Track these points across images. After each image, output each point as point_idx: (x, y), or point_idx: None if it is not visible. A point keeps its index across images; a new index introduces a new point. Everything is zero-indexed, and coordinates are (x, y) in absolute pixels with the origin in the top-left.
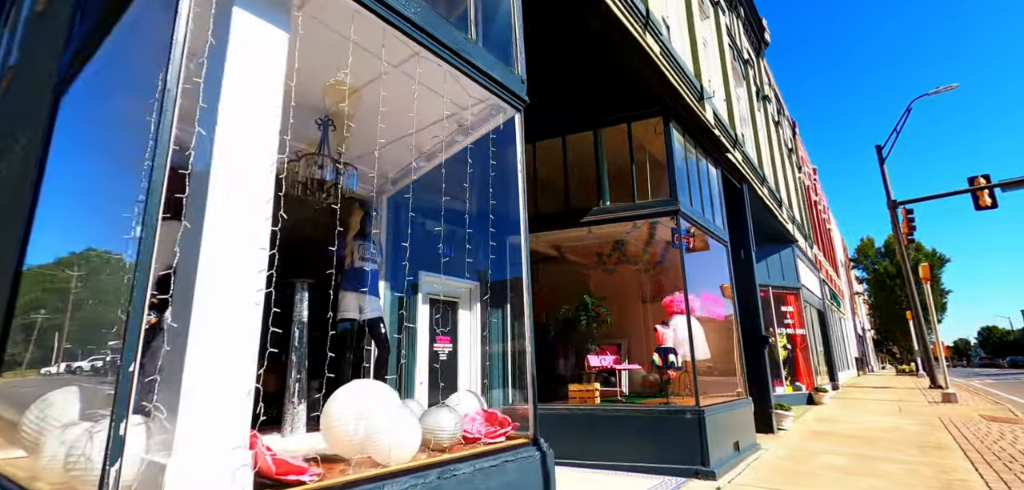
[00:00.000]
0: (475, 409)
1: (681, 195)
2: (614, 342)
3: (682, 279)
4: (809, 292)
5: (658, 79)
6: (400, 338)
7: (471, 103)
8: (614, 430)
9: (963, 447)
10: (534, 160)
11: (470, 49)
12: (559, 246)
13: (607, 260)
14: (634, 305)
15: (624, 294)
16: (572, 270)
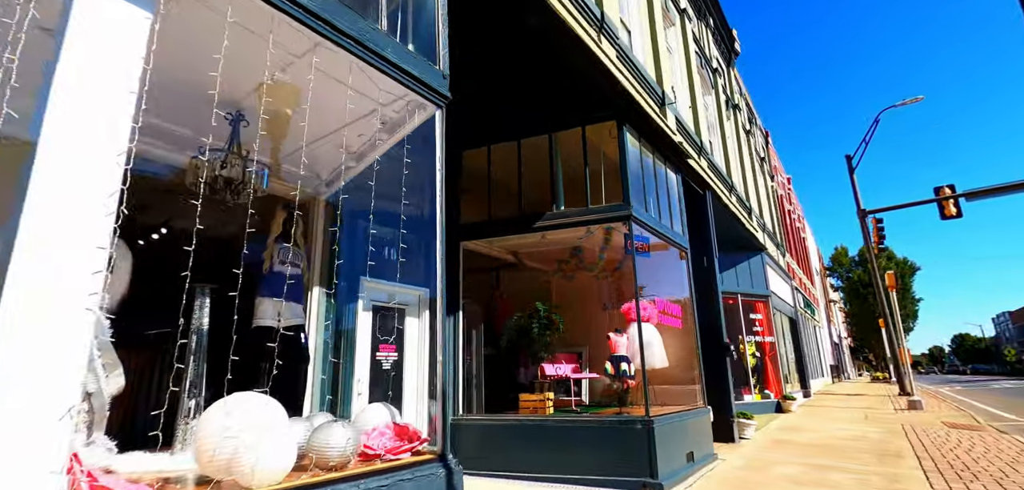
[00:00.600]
0: (385, 423)
1: (634, 200)
2: (575, 350)
3: (634, 285)
4: (779, 300)
5: (608, 82)
6: (330, 346)
7: (390, 99)
8: (564, 441)
9: (920, 455)
10: (489, 163)
11: (379, 41)
12: (516, 252)
13: (565, 267)
14: (596, 312)
15: (586, 301)
16: (532, 277)
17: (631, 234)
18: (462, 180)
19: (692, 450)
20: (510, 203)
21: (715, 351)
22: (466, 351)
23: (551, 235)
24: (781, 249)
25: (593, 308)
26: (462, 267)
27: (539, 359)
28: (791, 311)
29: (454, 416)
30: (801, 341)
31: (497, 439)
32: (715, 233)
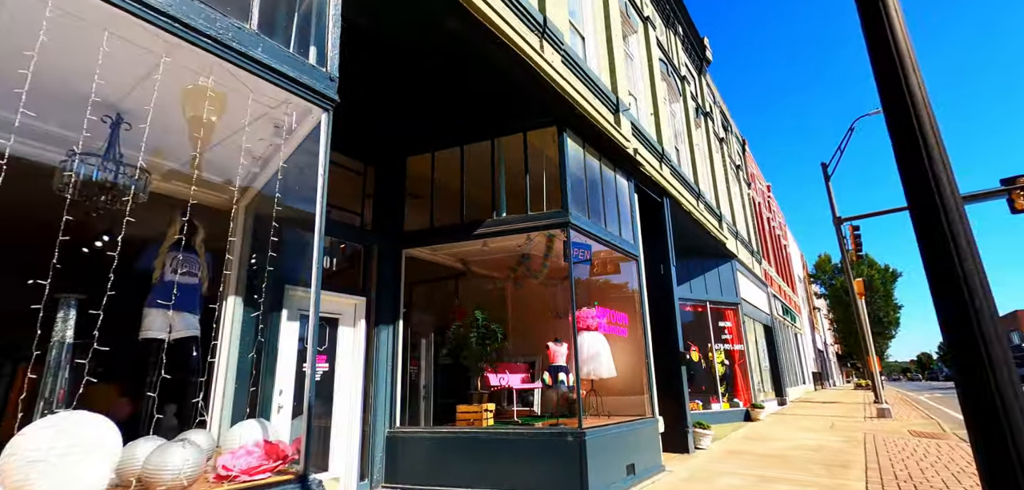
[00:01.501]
0: (254, 441)
1: (575, 207)
2: (528, 359)
3: (570, 293)
4: (752, 307)
5: (545, 87)
6: (248, 358)
7: (276, 103)
8: (498, 454)
9: (869, 466)
10: (433, 169)
11: (246, 40)
12: (466, 260)
13: (514, 274)
14: (549, 321)
15: (540, 310)
16: (491, 285)
17: (568, 241)
18: (407, 186)
19: (633, 462)
20: (454, 210)
21: (671, 360)
22: (412, 360)
23: (493, 243)
24: (757, 256)
25: (547, 317)
26: (404, 275)
27: (479, 370)
28: (766, 319)
29: (390, 429)
30: (777, 349)
31: (433, 452)
32: (673, 240)
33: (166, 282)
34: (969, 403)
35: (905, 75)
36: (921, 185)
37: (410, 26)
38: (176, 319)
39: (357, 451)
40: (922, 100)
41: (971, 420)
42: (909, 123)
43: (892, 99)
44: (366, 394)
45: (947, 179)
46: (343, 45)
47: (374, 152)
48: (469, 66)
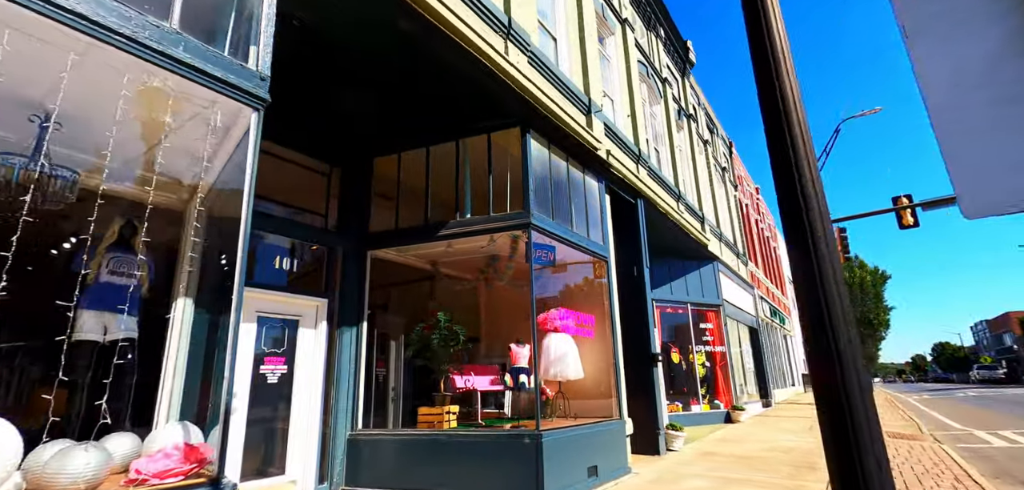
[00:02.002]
0: (173, 443)
1: (538, 208)
2: (500, 361)
3: (531, 294)
4: (735, 309)
5: (500, 86)
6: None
7: (206, 104)
8: (457, 457)
9: None
10: (398, 170)
11: (165, 39)
12: (435, 262)
13: (483, 276)
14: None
15: (512, 311)
16: (458, 287)
17: (530, 242)
18: (374, 187)
19: (596, 464)
20: (419, 211)
21: (643, 362)
22: (380, 362)
23: (457, 244)
24: (743, 258)
25: (520, 318)
26: (370, 276)
27: (443, 371)
28: (751, 320)
29: (351, 431)
30: (763, 350)
31: (395, 455)
32: (647, 242)
33: (101, 283)
34: (819, 391)
35: (779, 77)
36: (790, 192)
37: (363, 26)
38: (111, 321)
39: (316, 454)
40: (792, 97)
41: (820, 406)
42: (779, 122)
43: (767, 97)
44: (327, 396)
45: (813, 185)
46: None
47: (341, 153)
48: (427, 67)
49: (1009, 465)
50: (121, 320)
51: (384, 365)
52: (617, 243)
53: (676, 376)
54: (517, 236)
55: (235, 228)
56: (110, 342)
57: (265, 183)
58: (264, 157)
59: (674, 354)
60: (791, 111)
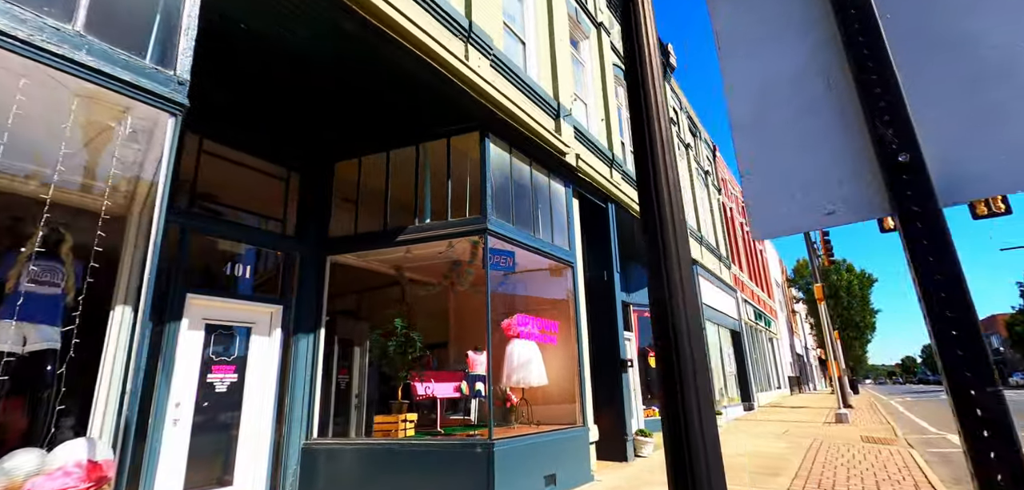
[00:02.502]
0: (75, 461)
1: (497, 213)
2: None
3: (486, 300)
4: (716, 312)
5: (457, 90)
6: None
7: (121, 110)
8: (412, 466)
9: (800, 474)
10: (359, 174)
11: (70, 42)
12: (399, 267)
13: (446, 281)
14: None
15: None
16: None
17: (486, 247)
18: (335, 191)
19: (554, 472)
20: (380, 216)
21: (612, 368)
22: (342, 369)
23: (416, 249)
24: (725, 262)
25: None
26: (329, 282)
27: (402, 378)
28: (734, 324)
29: (306, 440)
30: (745, 354)
31: (350, 464)
32: (618, 247)
33: (18, 292)
34: (664, 407)
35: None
36: (647, 198)
37: (308, 29)
38: (30, 331)
39: (267, 464)
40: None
41: (665, 422)
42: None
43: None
44: (281, 404)
45: (669, 196)
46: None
47: (301, 157)
48: (380, 71)
49: None
50: (41, 330)
51: (347, 372)
52: (587, 248)
53: (653, 381)
54: (476, 242)
55: (175, 236)
56: (29, 353)
57: (218, 187)
58: (218, 162)
59: (652, 358)
60: (655, 130)
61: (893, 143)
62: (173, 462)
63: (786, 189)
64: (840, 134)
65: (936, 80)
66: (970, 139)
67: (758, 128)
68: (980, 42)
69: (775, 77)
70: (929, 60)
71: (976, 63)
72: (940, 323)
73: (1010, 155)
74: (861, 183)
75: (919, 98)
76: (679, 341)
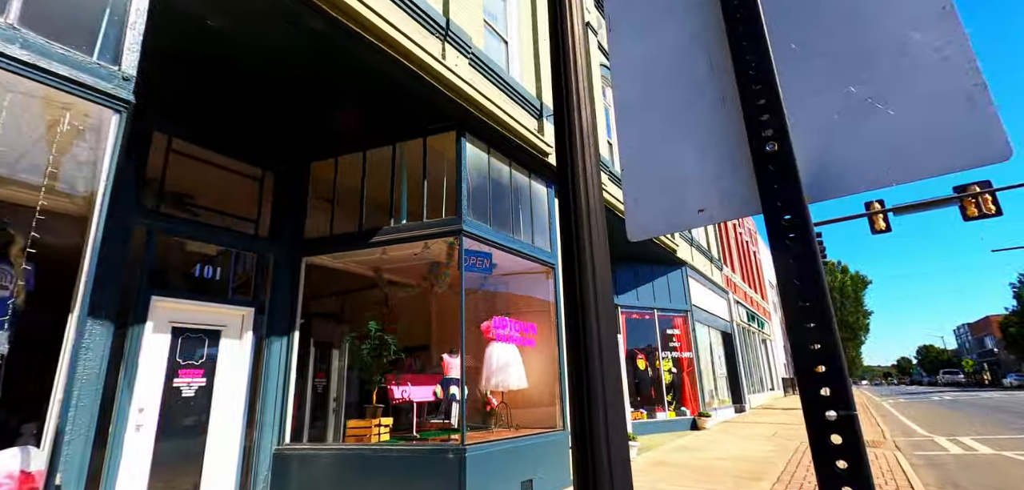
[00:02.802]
0: (6, 472)
1: (474, 214)
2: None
3: (460, 302)
4: (706, 314)
5: (432, 89)
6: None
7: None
8: (383, 472)
9: (781, 479)
10: (335, 175)
11: (3, 35)
12: (377, 268)
13: (425, 283)
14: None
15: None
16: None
17: (461, 249)
18: (311, 192)
19: (531, 478)
20: (356, 217)
21: None
22: (320, 372)
23: (392, 251)
24: (717, 263)
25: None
26: (304, 284)
27: (376, 382)
28: (725, 325)
29: (278, 446)
30: (736, 355)
31: (323, 470)
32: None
33: None
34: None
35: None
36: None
37: (269, 16)
38: None
39: (236, 470)
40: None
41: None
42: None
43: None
44: (252, 409)
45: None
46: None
47: (275, 157)
48: (353, 68)
49: (958, 474)
50: None
51: (325, 375)
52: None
53: (642, 383)
54: (452, 243)
55: (141, 237)
56: None
57: (189, 188)
58: (189, 161)
59: (640, 361)
60: (585, 133)
61: (764, 131)
62: (135, 468)
63: (666, 182)
64: (722, 122)
65: (812, 67)
66: (839, 131)
67: (642, 113)
68: (857, 26)
69: (661, 58)
70: (807, 43)
71: (850, 50)
72: (797, 331)
73: (876, 148)
74: (737, 177)
75: (794, 85)
76: (590, 351)
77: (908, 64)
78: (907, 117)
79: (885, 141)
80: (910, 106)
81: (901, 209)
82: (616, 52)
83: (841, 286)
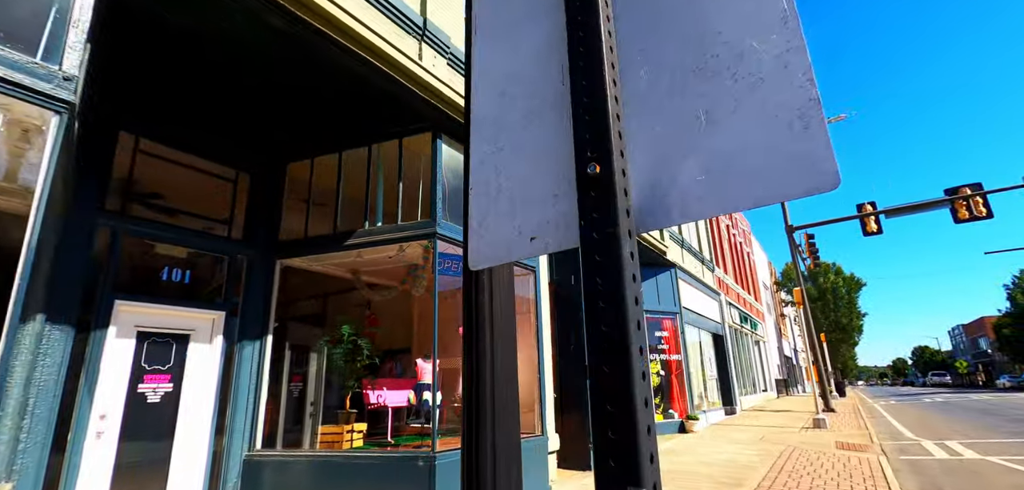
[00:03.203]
0: None
1: (447, 216)
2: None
3: (433, 306)
4: (696, 316)
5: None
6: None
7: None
8: (354, 479)
9: (762, 484)
10: (311, 176)
11: None
12: (355, 270)
13: (403, 286)
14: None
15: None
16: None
17: (435, 252)
18: (286, 193)
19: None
20: (332, 219)
21: (578, 375)
22: (296, 376)
23: (367, 254)
24: (709, 264)
25: (452, 330)
26: (278, 287)
27: (350, 386)
28: (716, 327)
29: (248, 452)
30: (728, 357)
31: (294, 477)
32: None
33: None
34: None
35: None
36: None
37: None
38: None
39: (204, 477)
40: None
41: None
42: None
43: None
44: (222, 415)
45: None
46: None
47: (250, 159)
48: (321, 67)
49: (940, 479)
50: None
51: (301, 379)
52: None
53: None
54: (427, 246)
55: (106, 239)
56: None
57: (159, 189)
58: (159, 163)
59: None
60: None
61: (588, 151)
62: (96, 476)
63: (510, 204)
64: (560, 139)
65: (657, 81)
66: (673, 152)
67: (494, 128)
68: (700, 35)
69: (518, 67)
70: (652, 53)
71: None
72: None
73: (705, 173)
74: (569, 202)
75: (636, 99)
76: (481, 367)
77: (745, 75)
78: (739, 137)
79: (712, 165)
80: (743, 124)
81: (893, 211)
82: (476, 59)
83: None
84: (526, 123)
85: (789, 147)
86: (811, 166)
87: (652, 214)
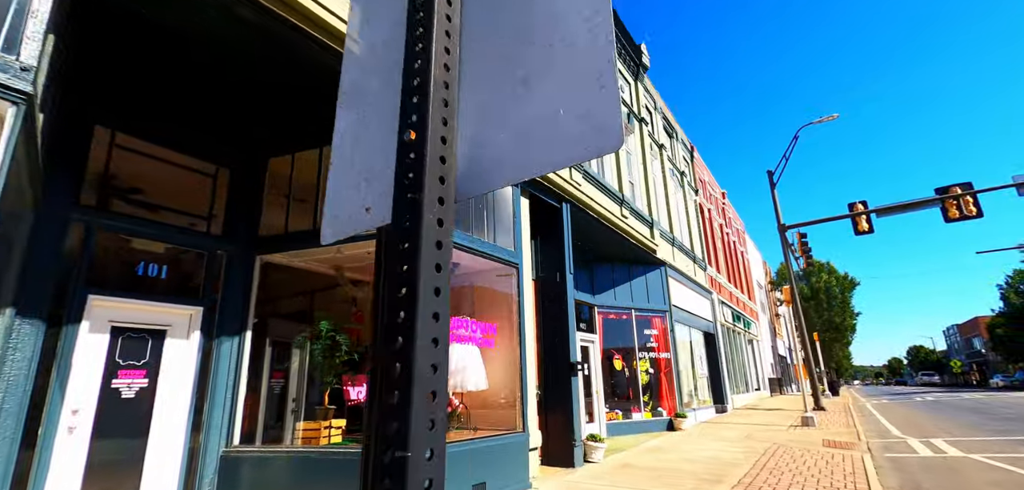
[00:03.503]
0: None
1: None
2: None
3: None
4: (686, 314)
5: None
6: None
7: None
8: (331, 476)
9: (744, 483)
10: (291, 171)
11: None
12: (339, 267)
13: None
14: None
15: None
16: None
17: None
18: (267, 188)
19: (484, 481)
20: (311, 214)
21: (562, 371)
22: (277, 372)
23: (347, 249)
24: (701, 263)
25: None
26: (258, 282)
27: (329, 383)
28: (707, 325)
29: (226, 448)
30: (719, 356)
31: (272, 474)
32: (571, 247)
33: None
34: None
35: None
36: None
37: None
38: None
39: (180, 474)
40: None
41: None
42: None
43: None
44: (199, 411)
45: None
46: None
47: (231, 153)
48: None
49: (919, 477)
50: None
51: (283, 376)
52: (541, 249)
53: (618, 384)
54: None
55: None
56: None
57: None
58: (134, 156)
59: (617, 361)
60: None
61: (408, 117)
62: (67, 472)
63: (357, 177)
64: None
65: (487, 49)
66: (493, 120)
67: (357, 99)
68: (533, 4)
69: (380, 36)
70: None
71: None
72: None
73: (517, 138)
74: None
75: (470, 68)
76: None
77: (559, 41)
78: (547, 102)
79: (520, 131)
80: (551, 90)
81: (884, 211)
82: (348, 29)
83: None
84: (379, 94)
85: (585, 109)
86: (601, 127)
87: (469, 180)
